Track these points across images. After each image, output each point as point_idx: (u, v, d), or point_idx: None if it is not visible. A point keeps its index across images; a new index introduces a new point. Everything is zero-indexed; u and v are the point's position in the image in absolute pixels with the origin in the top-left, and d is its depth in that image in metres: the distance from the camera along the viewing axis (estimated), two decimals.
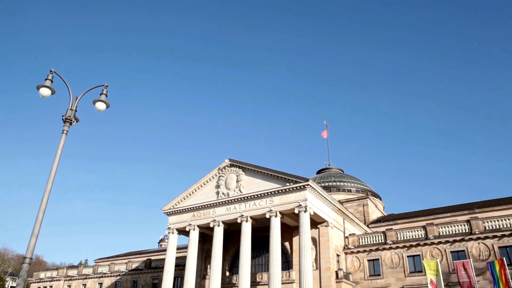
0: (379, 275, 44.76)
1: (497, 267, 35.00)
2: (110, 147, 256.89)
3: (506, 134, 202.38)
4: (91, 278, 69.27)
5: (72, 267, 78.41)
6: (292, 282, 44.26)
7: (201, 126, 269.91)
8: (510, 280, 34.59)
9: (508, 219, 40.54)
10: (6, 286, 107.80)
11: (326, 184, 72.07)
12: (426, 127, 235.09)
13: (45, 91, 13.59)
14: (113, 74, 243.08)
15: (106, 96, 15.22)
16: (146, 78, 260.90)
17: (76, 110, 14.60)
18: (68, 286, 71.80)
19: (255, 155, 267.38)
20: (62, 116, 14.25)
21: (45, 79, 13.84)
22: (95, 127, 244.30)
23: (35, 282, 76.33)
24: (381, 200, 76.19)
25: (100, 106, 14.89)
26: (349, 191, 72.39)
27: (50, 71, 14.07)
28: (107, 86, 15.38)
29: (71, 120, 14.32)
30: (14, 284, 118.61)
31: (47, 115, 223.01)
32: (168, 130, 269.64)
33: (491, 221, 41.33)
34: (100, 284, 67.85)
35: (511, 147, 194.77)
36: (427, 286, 39.35)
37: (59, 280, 72.75)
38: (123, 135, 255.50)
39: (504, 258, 36.29)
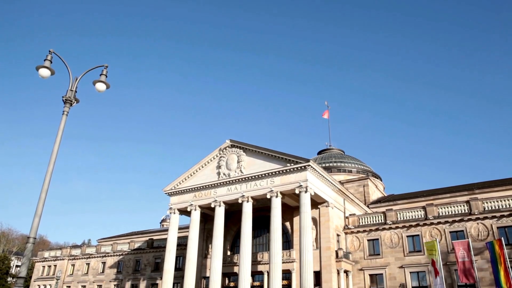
0: (379, 254, 45.34)
1: (496, 247, 35.40)
2: (111, 128, 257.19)
3: (507, 116, 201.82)
4: (95, 257, 70.28)
5: (75, 246, 79.51)
6: (292, 261, 44.90)
7: (202, 107, 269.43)
8: (508, 260, 35.05)
9: (508, 200, 40.80)
10: (11, 265, 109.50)
11: (327, 164, 72.31)
12: (427, 109, 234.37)
13: (44, 72, 13.52)
14: (113, 55, 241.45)
15: (106, 76, 15.14)
16: (146, 59, 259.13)
17: (76, 91, 14.55)
18: (72, 265, 72.91)
19: (256, 136, 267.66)
20: (62, 97, 14.23)
21: (44, 60, 13.76)
22: (96, 108, 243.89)
23: (40, 261, 77.48)
24: (381, 180, 76.55)
25: (100, 86, 14.82)
26: (350, 171, 72.66)
27: (49, 51, 13.97)
28: (107, 67, 15.29)
29: (71, 101, 14.29)
30: (19, 263, 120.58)
31: (48, 97, 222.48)
32: (168, 111, 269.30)
33: (490, 202, 41.62)
34: (104, 263, 68.86)
35: (511, 129, 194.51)
36: (426, 265, 40.01)
37: (63, 259, 73.82)
38: (124, 116, 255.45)
39: (502, 238, 36.66)
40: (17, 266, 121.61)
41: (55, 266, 74.30)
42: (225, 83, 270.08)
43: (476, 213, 41.22)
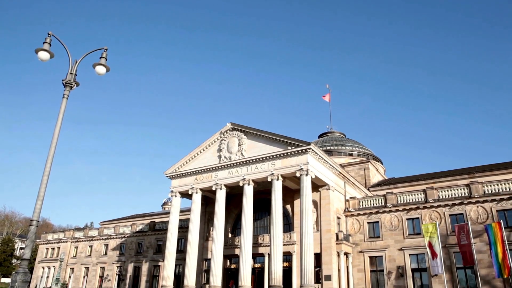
0: (379, 237, 45.72)
1: (494, 230, 35.66)
2: (112, 111, 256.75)
3: (507, 100, 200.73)
4: (97, 240, 71.01)
5: (78, 229, 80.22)
6: (293, 244, 45.33)
7: (203, 91, 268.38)
8: (506, 242, 35.36)
9: (508, 183, 40.93)
10: (15, 248, 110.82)
11: (328, 148, 72.32)
12: (428, 93, 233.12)
13: (43, 55, 13.43)
14: (113, 39, 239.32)
15: (106, 59, 15.04)
16: (147, 43, 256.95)
17: (76, 74, 14.48)
18: (75, 247, 73.73)
19: (257, 119, 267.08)
20: (62, 80, 14.17)
21: (43, 43, 13.65)
22: (96, 92, 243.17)
23: (43, 244, 78.34)
24: (382, 164, 76.65)
25: (100, 69, 14.74)
26: (351, 155, 72.71)
27: (48, 34, 13.85)
28: (106, 50, 15.17)
29: (71, 84, 14.22)
30: (23, 246, 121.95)
31: (49, 80, 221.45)
32: (169, 94, 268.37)
33: (490, 185, 41.76)
34: (106, 245, 69.60)
35: None
36: (425, 248, 40.33)
37: (66, 241, 74.62)
38: (125, 99, 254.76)
39: (501, 221, 36.92)
40: (21, 248, 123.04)
41: (59, 248, 75.15)
42: (226, 67, 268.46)
43: (476, 196, 41.40)
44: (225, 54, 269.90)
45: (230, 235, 51.68)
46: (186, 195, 51.99)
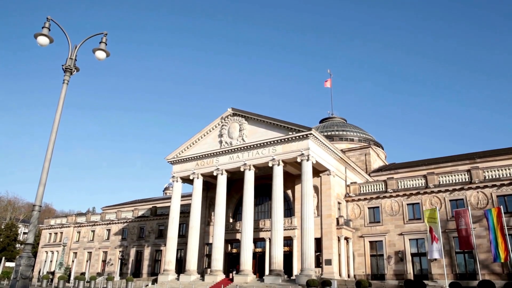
0: (379, 222, 46.01)
1: (494, 215, 35.84)
2: (113, 97, 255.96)
3: (509, 86, 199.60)
4: (99, 225, 71.60)
5: (80, 214, 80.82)
6: (294, 229, 45.67)
7: (204, 77, 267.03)
8: (506, 227, 35.57)
9: (508, 169, 40.96)
10: (19, 233, 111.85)
11: (329, 133, 72.25)
12: (429, 78, 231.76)
13: (43, 40, 13.34)
14: (113, 25, 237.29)
15: (106, 44, 14.94)
16: (147, 28, 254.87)
17: (75, 59, 14.40)
18: (77, 232, 74.39)
19: (258, 105, 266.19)
20: (62, 65, 14.11)
21: (42, 27, 13.56)
22: (97, 78, 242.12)
23: (46, 229, 79.03)
24: (383, 149, 76.66)
25: (100, 54, 14.64)
26: (352, 140, 72.69)
27: (47, 19, 13.75)
28: (106, 34, 15.05)
29: (71, 69, 14.16)
30: (26, 231, 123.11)
31: (49, 66, 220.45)
32: (170, 80, 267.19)
33: (491, 171, 41.82)
34: (108, 230, 70.22)
35: None
36: (425, 233, 40.63)
37: (68, 226, 75.25)
38: (126, 85, 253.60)
39: (501, 206, 37.07)
40: (24, 233, 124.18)
41: (61, 233, 75.85)
42: (227, 52, 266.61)
43: (476, 181, 41.49)
44: (225, 40, 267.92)
45: (231, 220, 52.04)
46: (187, 180, 52.20)
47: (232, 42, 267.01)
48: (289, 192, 48.35)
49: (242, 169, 46.22)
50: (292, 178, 47.70)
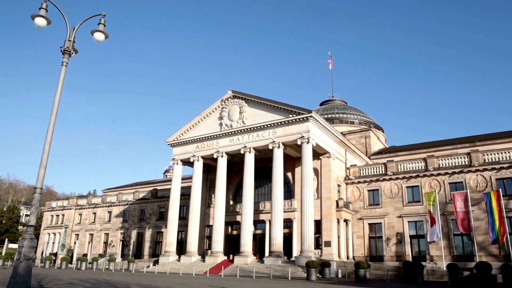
0: (378, 204, 46.29)
1: (493, 198, 36.08)
2: (113, 80, 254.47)
3: (509, 70, 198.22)
4: (101, 207, 72.09)
5: (81, 197, 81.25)
6: (294, 211, 45.98)
7: (204, 60, 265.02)
8: (504, 210, 35.87)
9: (508, 152, 41.00)
10: (21, 215, 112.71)
11: (329, 116, 72.10)
12: (430, 63, 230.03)
13: (40, 21, 13.15)
14: (112, 6, 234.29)
15: (104, 26, 14.75)
16: (147, 11, 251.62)
17: (74, 41, 14.23)
18: (79, 214, 74.96)
19: (258, 87, 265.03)
20: (61, 47, 13.95)
21: (40, 8, 13.37)
22: (96, 60, 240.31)
23: (48, 211, 79.59)
24: (383, 132, 76.62)
25: (99, 36, 14.45)
26: (352, 123, 72.58)
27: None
28: (104, 16, 14.83)
29: (70, 51, 14.00)
30: (28, 213, 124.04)
31: (48, 49, 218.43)
32: (170, 63, 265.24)
33: (491, 154, 41.87)
34: (109, 212, 70.73)
35: None
36: (424, 215, 40.97)
37: (70, 209, 75.80)
38: (126, 68, 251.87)
39: (500, 189, 37.28)
40: (26, 215, 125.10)
41: (63, 215, 76.44)
42: (228, 35, 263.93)
43: (476, 165, 41.57)
44: (226, 23, 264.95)
45: (231, 202, 52.35)
46: (187, 163, 52.33)
47: (233, 25, 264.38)
48: (289, 174, 48.51)
49: (242, 152, 46.29)
50: (292, 161, 47.79)
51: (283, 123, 44.20)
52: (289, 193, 48.38)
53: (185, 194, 56.83)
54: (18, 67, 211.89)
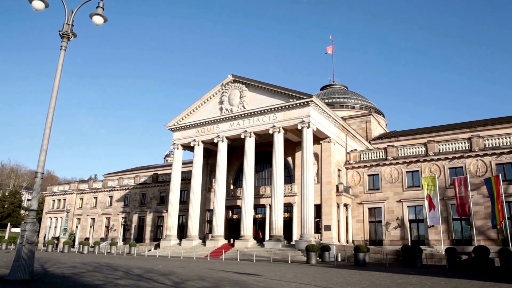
0: (378, 189, 46.46)
1: (493, 183, 36.19)
2: (113, 65, 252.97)
3: (509, 56, 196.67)
4: (102, 191, 72.43)
5: (82, 181, 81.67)
6: (294, 195, 46.20)
7: (205, 45, 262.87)
8: (503, 195, 36.01)
9: (508, 137, 40.94)
10: (23, 199, 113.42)
11: (330, 100, 71.82)
12: (430, 48, 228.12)
13: (38, 4, 13.02)
14: None
15: (103, 9, 14.60)
16: None
17: (72, 25, 14.11)
18: (80, 199, 75.38)
19: (259, 72, 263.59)
20: (59, 31, 13.84)
21: None
22: (96, 45, 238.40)
23: (49, 196, 80.00)
24: (384, 117, 76.41)
25: (97, 20, 14.31)
26: (353, 107, 72.34)
27: None
28: None
29: (69, 35, 13.89)
30: (30, 197, 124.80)
31: (46, 34, 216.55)
32: (171, 47, 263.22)
33: (491, 139, 41.81)
34: (111, 197, 71.10)
35: None
36: (423, 200, 41.14)
37: (71, 193, 76.16)
38: (125, 53, 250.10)
39: (500, 174, 37.34)
40: (28, 200, 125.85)
41: (65, 200, 76.85)
42: (228, 21, 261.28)
43: (476, 150, 41.56)
44: (226, 9, 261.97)
45: (232, 187, 52.56)
46: (188, 147, 52.39)
47: (233, 10, 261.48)
48: (290, 159, 48.59)
49: (242, 136, 46.29)
50: (292, 145, 47.82)
51: (283, 107, 44.08)
52: (289, 177, 48.52)
53: (186, 179, 57.06)
54: (18, 52, 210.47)
